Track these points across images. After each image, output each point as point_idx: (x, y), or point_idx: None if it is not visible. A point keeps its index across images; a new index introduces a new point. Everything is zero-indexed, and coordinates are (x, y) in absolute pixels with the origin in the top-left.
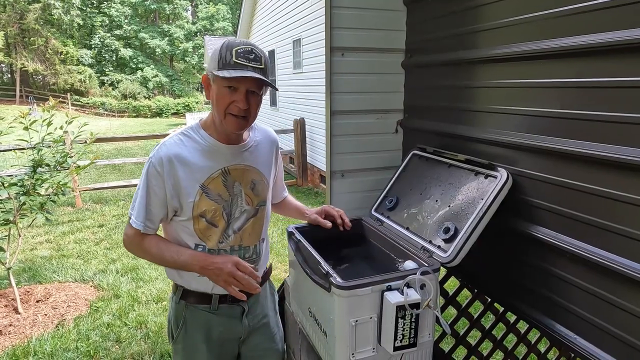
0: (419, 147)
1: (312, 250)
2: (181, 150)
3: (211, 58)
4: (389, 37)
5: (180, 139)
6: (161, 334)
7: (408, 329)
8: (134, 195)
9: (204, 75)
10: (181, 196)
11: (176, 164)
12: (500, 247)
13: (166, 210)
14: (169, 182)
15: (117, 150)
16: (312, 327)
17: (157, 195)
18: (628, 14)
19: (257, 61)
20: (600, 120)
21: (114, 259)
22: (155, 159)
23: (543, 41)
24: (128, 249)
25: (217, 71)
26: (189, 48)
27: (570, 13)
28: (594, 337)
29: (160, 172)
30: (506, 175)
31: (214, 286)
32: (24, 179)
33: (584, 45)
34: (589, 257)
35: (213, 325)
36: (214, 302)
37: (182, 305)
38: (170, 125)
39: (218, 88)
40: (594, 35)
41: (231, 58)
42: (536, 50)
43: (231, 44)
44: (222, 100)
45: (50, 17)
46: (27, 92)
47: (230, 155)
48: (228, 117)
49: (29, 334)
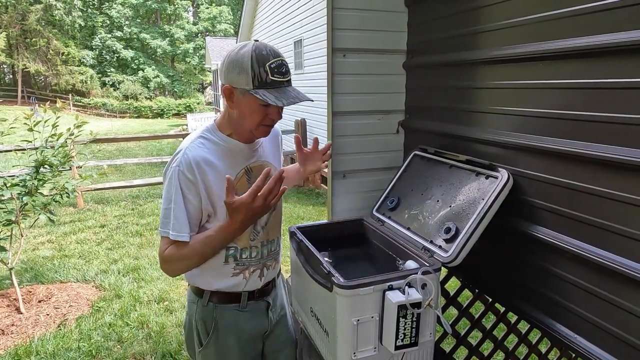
0: (420, 148)
1: (313, 250)
2: (206, 153)
3: (238, 71)
4: (391, 38)
5: (201, 142)
6: (163, 334)
7: (409, 328)
8: (164, 211)
9: (225, 87)
10: (214, 201)
11: (205, 168)
12: (501, 247)
13: (201, 216)
14: (202, 188)
15: (119, 151)
16: (313, 327)
17: (193, 204)
18: (626, 16)
19: (288, 73)
20: (600, 121)
21: (116, 259)
22: (183, 167)
23: (544, 42)
24: (169, 268)
25: (255, 90)
26: (190, 49)
27: (570, 15)
28: (595, 337)
29: (192, 179)
30: (507, 175)
31: (246, 284)
32: (27, 180)
33: (585, 46)
34: (589, 257)
35: (243, 324)
36: (244, 299)
37: (211, 307)
38: (171, 125)
39: (251, 103)
40: (595, 37)
41: (267, 76)
42: (537, 51)
43: (261, 57)
44: (257, 115)
45: (52, 18)
46: (29, 92)
47: (249, 154)
48: (261, 127)
49: (31, 333)
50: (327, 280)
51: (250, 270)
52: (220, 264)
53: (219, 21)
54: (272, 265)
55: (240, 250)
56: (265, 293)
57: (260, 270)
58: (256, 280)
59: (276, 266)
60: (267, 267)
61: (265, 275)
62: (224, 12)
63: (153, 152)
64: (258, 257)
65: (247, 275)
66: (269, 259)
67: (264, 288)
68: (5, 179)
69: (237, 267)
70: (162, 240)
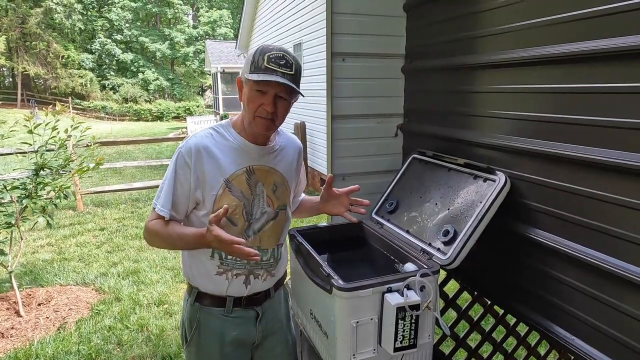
0: (419, 151)
1: (313, 252)
2: (210, 143)
3: (245, 62)
4: (389, 43)
5: (210, 133)
6: (162, 337)
7: (408, 330)
8: (160, 186)
9: (237, 78)
10: (205, 188)
11: (204, 155)
12: (499, 249)
13: (189, 202)
14: (195, 173)
15: (118, 154)
16: (313, 329)
17: (183, 187)
18: (622, 22)
19: (287, 67)
20: (596, 125)
21: (115, 262)
22: (184, 150)
23: (540, 47)
24: (147, 238)
25: (249, 74)
26: (190, 52)
27: (567, 20)
28: (593, 339)
29: (188, 163)
30: (504, 178)
31: (228, 288)
32: (27, 182)
33: (580, 51)
34: (586, 260)
35: (227, 329)
36: (229, 304)
37: (196, 307)
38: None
39: (249, 91)
40: (591, 42)
41: (263, 63)
42: (533, 56)
43: (265, 49)
44: (252, 103)
45: (51, 22)
46: (29, 95)
47: (257, 155)
48: (257, 119)
49: (30, 337)
50: (327, 282)
51: (233, 273)
52: (207, 257)
53: (218, 25)
54: (261, 275)
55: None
56: (254, 302)
57: (245, 276)
58: (240, 286)
59: (269, 278)
60: (255, 275)
61: (252, 283)
62: (223, 15)
63: (152, 155)
64: (243, 261)
65: (229, 277)
66: (257, 268)
67: (253, 297)
68: (5, 181)
69: (221, 265)
70: (152, 211)
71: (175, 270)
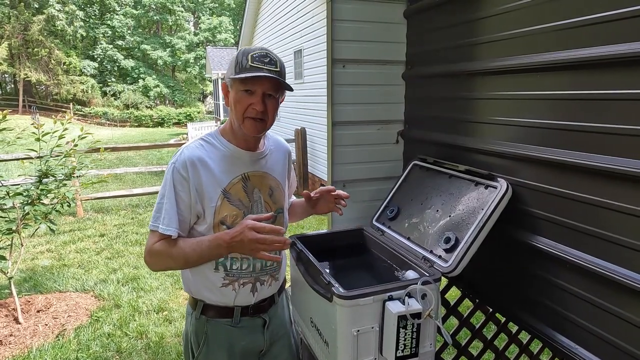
0: (420, 158)
1: (313, 259)
2: (203, 155)
3: (229, 65)
4: (390, 49)
5: (200, 144)
6: (162, 344)
7: (409, 339)
8: (157, 206)
9: (223, 83)
10: (204, 201)
11: (199, 168)
12: (501, 257)
13: (191, 217)
14: (194, 186)
15: (119, 160)
16: (313, 337)
17: (184, 201)
18: (623, 29)
19: (272, 64)
20: (599, 132)
21: (115, 268)
22: (179, 164)
23: (541, 54)
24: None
25: (235, 75)
26: (190, 59)
27: (567, 27)
28: (596, 348)
29: (185, 177)
30: (506, 185)
31: (236, 298)
32: (30, 189)
33: (582, 58)
34: (589, 267)
35: (235, 340)
36: (236, 314)
37: (203, 320)
38: (171, 134)
39: (236, 92)
40: (592, 49)
41: (247, 62)
42: (534, 63)
43: (247, 50)
44: (240, 104)
45: (54, 28)
46: (30, 102)
47: (250, 162)
48: (246, 121)
49: (29, 344)
50: (327, 290)
51: (240, 282)
52: (211, 270)
53: (219, 31)
54: (267, 281)
55: (230, 260)
56: (261, 310)
57: (252, 284)
58: (248, 294)
59: (274, 283)
60: (260, 282)
61: (259, 290)
62: (224, 22)
63: (153, 160)
64: (249, 269)
65: (236, 287)
66: (263, 274)
67: (259, 304)
68: (8, 187)
69: (227, 277)
70: (152, 234)
71: (175, 277)
